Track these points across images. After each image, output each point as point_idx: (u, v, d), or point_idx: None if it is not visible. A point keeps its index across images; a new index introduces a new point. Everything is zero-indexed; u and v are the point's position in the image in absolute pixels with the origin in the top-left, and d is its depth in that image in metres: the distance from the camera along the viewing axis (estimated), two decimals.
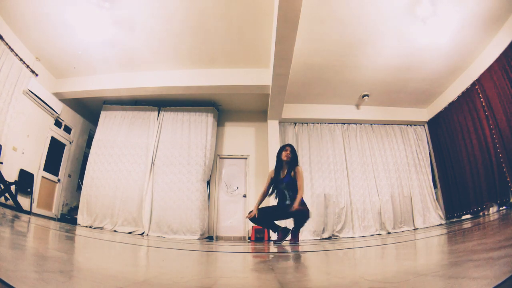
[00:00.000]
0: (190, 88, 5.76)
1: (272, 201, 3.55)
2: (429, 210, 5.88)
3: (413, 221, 5.83)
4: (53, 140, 5.95)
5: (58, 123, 6.12)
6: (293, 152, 3.37)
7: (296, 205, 3.04)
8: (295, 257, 1.88)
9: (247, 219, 3.44)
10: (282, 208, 3.25)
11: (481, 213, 4.91)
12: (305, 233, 5.55)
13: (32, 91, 5.14)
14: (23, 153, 5.11)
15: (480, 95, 4.95)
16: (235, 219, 6.14)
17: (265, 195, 3.42)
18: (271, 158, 5.83)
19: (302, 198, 3.14)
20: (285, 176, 3.30)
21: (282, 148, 3.42)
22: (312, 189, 5.96)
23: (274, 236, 5.45)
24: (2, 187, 4.41)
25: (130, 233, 5.27)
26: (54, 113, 5.84)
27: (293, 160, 3.33)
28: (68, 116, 6.40)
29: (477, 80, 5.02)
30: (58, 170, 6.15)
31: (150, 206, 5.56)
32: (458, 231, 2.90)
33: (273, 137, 6.12)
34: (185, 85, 5.69)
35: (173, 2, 4.19)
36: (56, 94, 5.88)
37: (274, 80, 4.88)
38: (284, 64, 4.46)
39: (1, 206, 4.46)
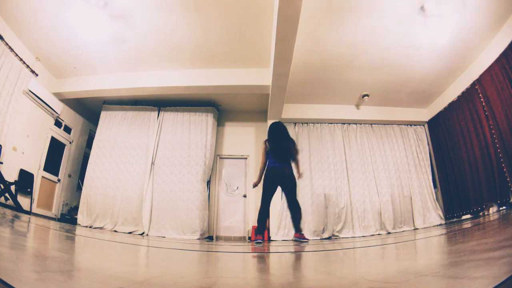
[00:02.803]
0: (190, 88, 5.76)
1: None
2: (429, 210, 5.88)
3: (413, 221, 5.82)
4: (53, 140, 5.95)
5: (58, 123, 6.12)
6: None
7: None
8: (295, 257, 1.88)
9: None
10: None
11: (481, 213, 4.91)
12: (305, 233, 5.55)
13: (32, 91, 5.14)
14: (23, 153, 5.11)
15: (480, 95, 4.95)
16: (235, 219, 6.14)
17: None
18: None
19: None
20: None
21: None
22: (312, 189, 5.96)
23: (274, 236, 5.46)
24: (2, 187, 4.41)
25: (130, 233, 5.27)
26: (54, 113, 5.84)
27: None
28: (68, 116, 6.40)
29: (477, 80, 5.01)
30: (58, 170, 6.15)
31: (150, 206, 5.56)
32: (458, 231, 2.90)
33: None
34: (185, 85, 5.69)
35: (173, 2, 4.19)
36: (56, 94, 5.88)
37: (274, 80, 4.87)
38: (284, 64, 4.45)
39: (1, 206, 4.46)
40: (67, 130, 6.44)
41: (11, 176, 4.73)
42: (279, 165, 3.48)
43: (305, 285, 0.83)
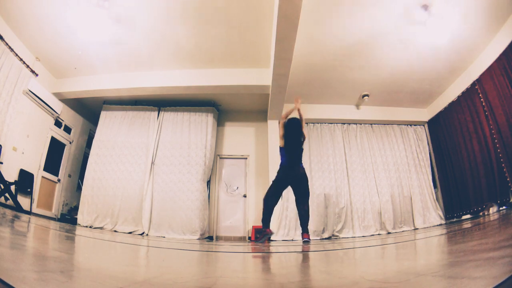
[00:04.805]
0: (190, 88, 5.76)
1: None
2: (429, 210, 5.88)
3: (413, 221, 5.82)
4: (53, 140, 5.95)
5: (58, 123, 6.12)
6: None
7: None
8: (295, 257, 1.88)
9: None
10: None
11: (481, 213, 4.91)
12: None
13: (32, 91, 5.14)
14: (23, 153, 5.11)
15: (480, 95, 4.95)
16: (235, 219, 6.13)
17: None
18: (271, 158, 5.83)
19: None
20: None
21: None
22: (312, 189, 5.91)
23: (274, 236, 5.46)
24: (2, 187, 4.41)
25: (130, 233, 5.27)
26: (54, 113, 5.84)
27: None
28: (68, 116, 6.40)
29: (477, 80, 5.01)
30: (58, 170, 6.14)
31: (150, 206, 5.56)
32: (458, 231, 2.90)
33: (273, 137, 6.12)
34: (185, 85, 5.69)
35: (173, 2, 4.19)
36: (56, 94, 5.87)
37: (274, 80, 4.87)
38: (284, 64, 4.45)
39: (1, 206, 4.46)
40: (67, 130, 6.44)
41: (11, 176, 4.73)
42: (293, 164, 3.51)
43: (305, 285, 0.83)
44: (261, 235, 3.48)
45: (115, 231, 5.30)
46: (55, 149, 6.04)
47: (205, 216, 5.61)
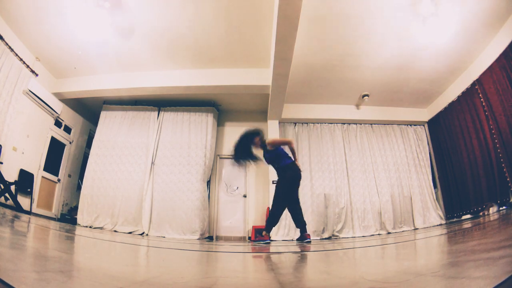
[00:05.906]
0: (190, 88, 5.76)
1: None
2: (429, 210, 5.88)
3: (413, 221, 5.82)
4: (53, 140, 5.95)
5: (58, 123, 6.12)
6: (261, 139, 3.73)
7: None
8: (295, 257, 1.88)
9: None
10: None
11: (481, 213, 4.91)
12: None
13: (32, 91, 5.14)
14: (23, 153, 5.11)
15: (480, 95, 4.95)
16: (235, 219, 6.13)
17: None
18: None
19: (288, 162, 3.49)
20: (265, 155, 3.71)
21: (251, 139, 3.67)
22: (312, 189, 5.96)
23: (274, 236, 5.46)
24: (2, 187, 4.41)
25: (130, 233, 5.27)
26: (54, 113, 5.84)
27: (263, 142, 3.71)
28: (68, 116, 6.40)
29: (477, 80, 5.02)
30: (58, 170, 6.14)
31: (150, 206, 5.56)
32: (458, 231, 2.90)
33: (273, 137, 6.12)
34: (185, 85, 5.69)
35: (173, 2, 4.19)
36: (56, 94, 5.88)
37: (274, 80, 4.87)
38: (284, 64, 4.45)
39: (1, 206, 4.46)
40: (67, 130, 6.44)
41: (11, 176, 4.73)
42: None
43: (305, 285, 0.83)
44: (258, 238, 3.52)
45: (115, 231, 5.30)
46: (55, 149, 6.04)
47: (205, 216, 5.61)
